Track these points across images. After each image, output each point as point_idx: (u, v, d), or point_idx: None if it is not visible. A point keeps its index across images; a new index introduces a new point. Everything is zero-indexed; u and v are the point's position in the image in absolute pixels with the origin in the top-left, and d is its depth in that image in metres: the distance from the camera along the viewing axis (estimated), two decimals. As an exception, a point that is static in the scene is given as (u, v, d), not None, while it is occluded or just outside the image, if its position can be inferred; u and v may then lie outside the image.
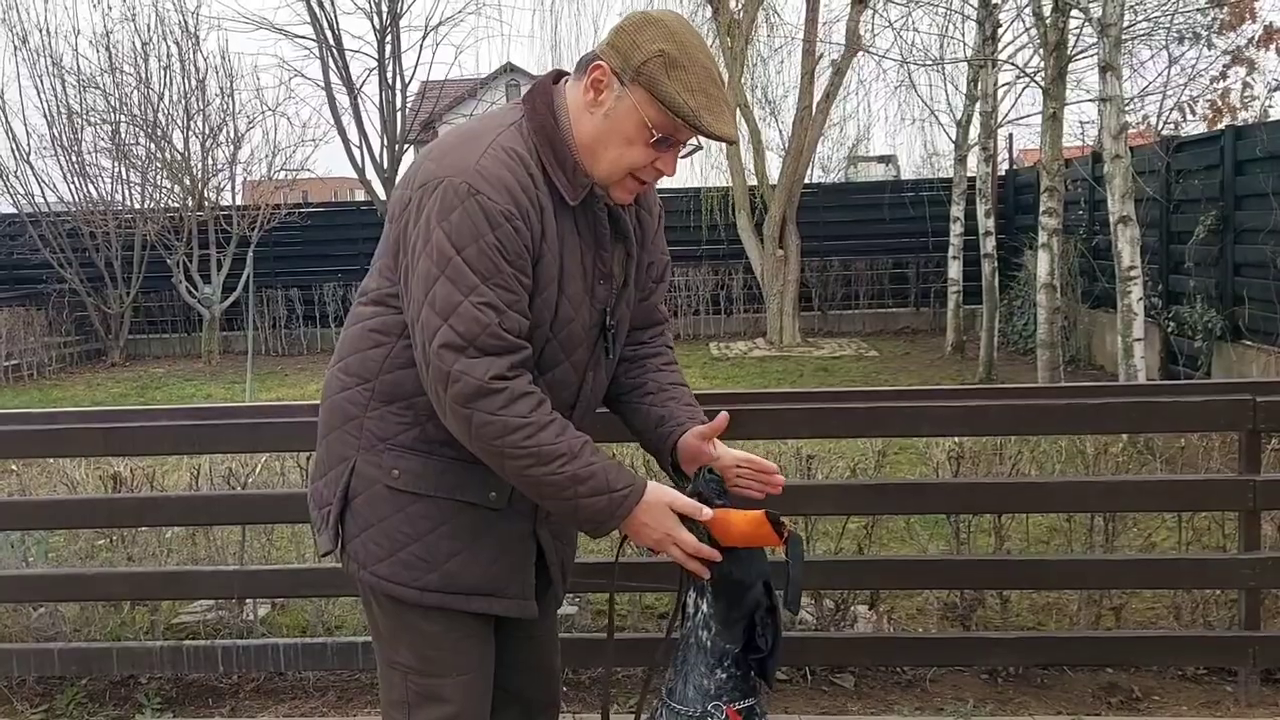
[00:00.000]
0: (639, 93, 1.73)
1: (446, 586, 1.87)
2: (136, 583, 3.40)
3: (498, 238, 1.70)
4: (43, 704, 3.45)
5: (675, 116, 1.72)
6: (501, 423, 1.71)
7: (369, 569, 1.88)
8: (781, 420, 3.06)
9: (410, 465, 1.85)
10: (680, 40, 1.74)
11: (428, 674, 1.92)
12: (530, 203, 1.75)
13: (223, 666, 3.32)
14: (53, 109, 13.88)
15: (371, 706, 3.35)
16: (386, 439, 1.86)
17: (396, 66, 14.18)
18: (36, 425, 3.22)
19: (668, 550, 1.80)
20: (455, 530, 1.86)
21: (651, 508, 1.79)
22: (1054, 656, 3.20)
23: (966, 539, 3.45)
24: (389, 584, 1.87)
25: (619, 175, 1.80)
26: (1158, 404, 3.06)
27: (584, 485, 1.75)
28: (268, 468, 3.93)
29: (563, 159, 1.79)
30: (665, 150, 1.78)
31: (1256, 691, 3.12)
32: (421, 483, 1.85)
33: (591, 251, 1.86)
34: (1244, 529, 3.03)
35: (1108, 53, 6.23)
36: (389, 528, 1.86)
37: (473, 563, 1.87)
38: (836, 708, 3.23)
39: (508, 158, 1.75)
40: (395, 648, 1.95)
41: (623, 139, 1.77)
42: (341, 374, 1.92)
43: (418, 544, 1.86)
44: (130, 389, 11.68)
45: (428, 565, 1.86)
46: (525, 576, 1.94)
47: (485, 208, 1.70)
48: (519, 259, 1.73)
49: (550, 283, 1.80)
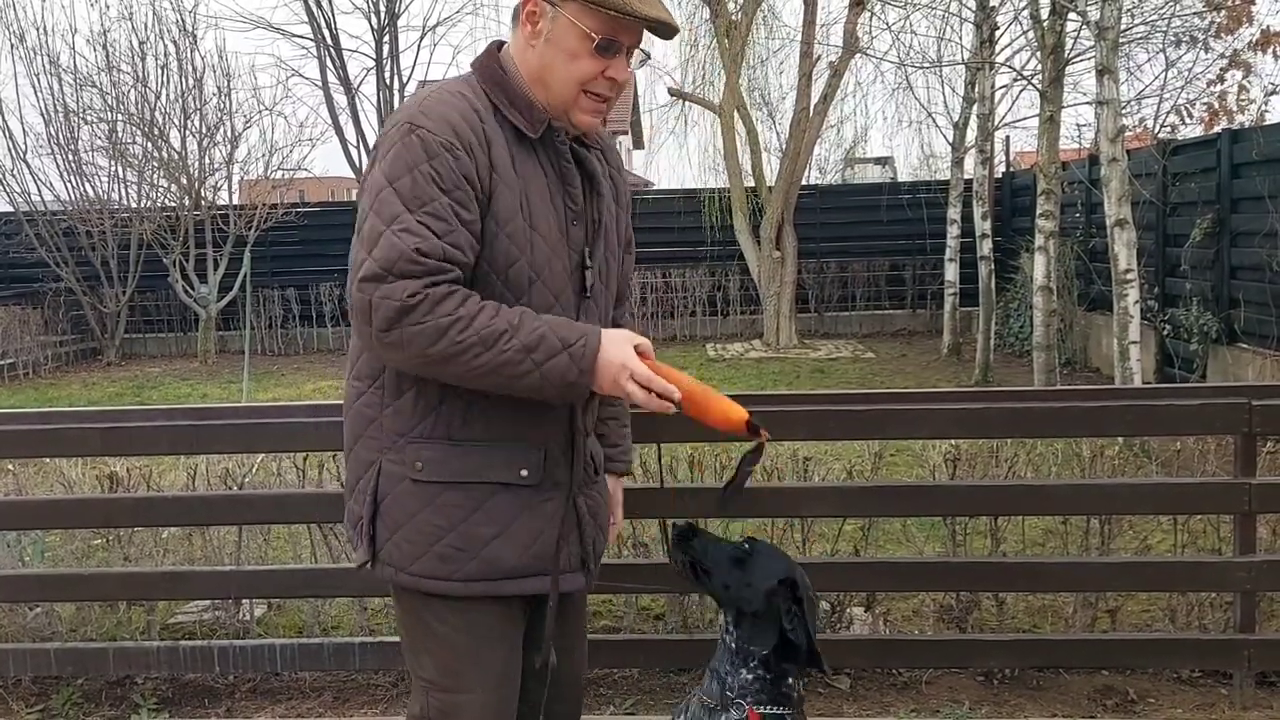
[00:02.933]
0: (571, 6, 1.76)
1: (490, 573, 1.83)
2: (133, 583, 3.39)
3: (433, 166, 1.70)
4: (38, 704, 3.45)
5: (607, 10, 1.73)
6: (432, 326, 1.67)
7: (405, 570, 1.84)
8: (779, 422, 3.05)
9: (432, 454, 1.82)
10: None
11: (447, 689, 1.89)
12: (475, 136, 1.75)
13: (219, 666, 3.32)
14: (49, 107, 13.91)
15: (368, 707, 3.35)
16: (405, 433, 1.84)
17: (394, 66, 14.25)
18: (33, 425, 3.21)
19: (624, 386, 1.74)
20: (490, 514, 1.82)
21: (619, 346, 1.74)
22: (1049, 659, 3.20)
23: (963, 541, 3.45)
24: (428, 581, 1.83)
25: (572, 93, 1.80)
26: (1154, 407, 3.05)
27: (538, 352, 1.70)
28: (264, 468, 3.92)
29: (514, 97, 1.81)
30: (612, 57, 1.79)
31: (1251, 694, 3.12)
32: (447, 470, 1.82)
33: (560, 191, 1.86)
34: (1239, 532, 3.03)
35: (1105, 56, 6.24)
36: (420, 523, 1.83)
37: (513, 544, 1.83)
38: (832, 710, 3.23)
39: (450, 96, 1.79)
40: (419, 659, 1.92)
41: (567, 55, 1.78)
42: (354, 380, 1.91)
43: (453, 534, 1.82)
44: (126, 388, 11.66)
45: (466, 554, 1.82)
46: (569, 550, 1.91)
47: (423, 139, 1.72)
48: (457, 189, 1.72)
49: (514, 215, 1.78)
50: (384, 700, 3.39)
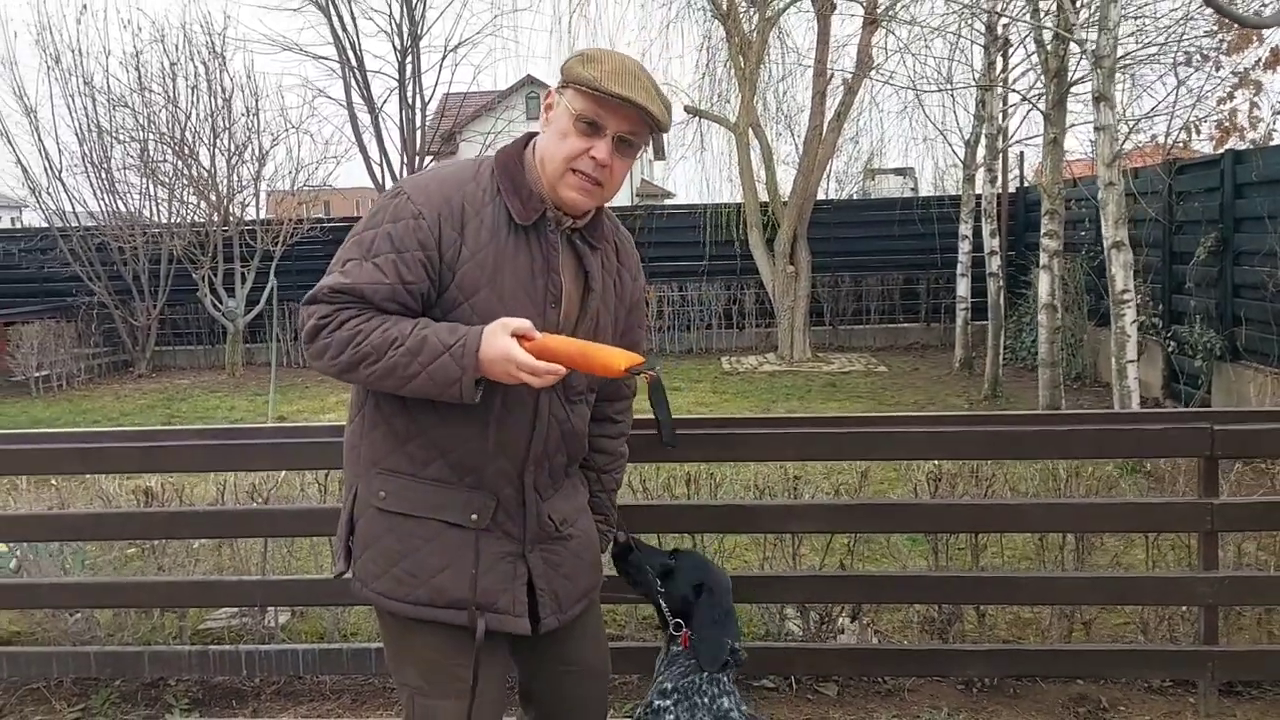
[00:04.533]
0: (567, 92, 1.98)
1: (435, 600, 2.03)
2: (168, 591, 3.64)
3: (395, 229, 1.94)
4: (79, 703, 3.69)
5: (585, 88, 1.94)
6: (336, 339, 1.93)
7: (370, 586, 2.08)
8: (769, 445, 3.27)
9: (394, 487, 2.05)
10: (601, 49, 2.00)
11: (430, 694, 2.08)
12: (451, 210, 1.95)
13: (246, 670, 3.55)
14: (84, 127, 14.30)
15: (384, 709, 3.58)
16: (376, 463, 2.07)
17: (416, 86, 14.54)
18: (80, 444, 3.47)
19: (516, 376, 1.88)
20: (442, 547, 2.03)
21: (493, 339, 1.88)
22: (1026, 668, 3.39)
23: (945, 556, 3.65)
24: (385, 599, 2.06)
25: (560, 169, 1.99)
26: (1121, 431, 3.25)
27: (422, 355, 1.89)
28: (288, 483, 4.17)
29: (518, 185, 2.02)
30: (596, 137, 1.97)
31: (1215, 703, 3.29)
32: (405, 504, 2.04)
33: (543, 276, 2.01)
34: (1202, 549, 3.21)
35: (1101, 83, 6.41)
36: (384, 546, 2.06)
37: (460, 577, 2.03)
38: (819, 715, 3.42)
39: (454, 173, 2.02)
40: (401, 667, 2.13)
41: (559, 134, 1.99)
42: (349, 409, 2.15)
43: (408, 560, 2.04)
44: (157, 400, 11.98)
45: (416, 580, 2.03)
46: (515, 594, 2.07)
47: (399, 204, 1.96)
48: (409, 250, 1.93)
49: (480, 288, 1.96)
50: (398, 703, 3.61)
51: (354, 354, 1.93)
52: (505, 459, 2.03)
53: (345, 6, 14.02)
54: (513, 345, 1.88)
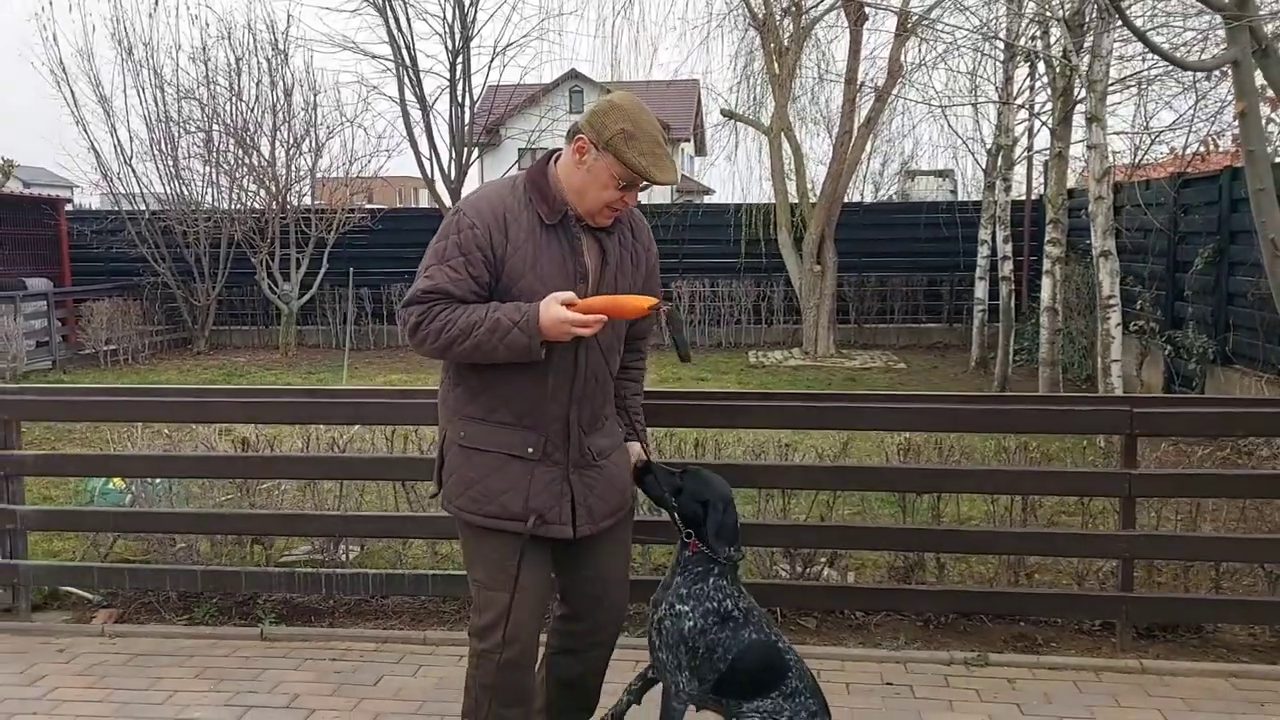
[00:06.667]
0: (607, 157, 2.59)
1: (500, 514, 2.71)
2: (263, 522, 4.40)
3: (460, 238, 2.58)
4: (184, 615, 4.45)
5: (633, 173, 2.59)
6: (432, 329, 2.56)
7: (454, 502, 2.76)
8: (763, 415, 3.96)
9: (471, 430, 2.73)
10: (635, 119, 2.59)
11: (491, 587, 2.74)
12: (496, 220, 2.57)
13: (325, 589, 4.28)
14: (153, 116, 15.23)
15: (439, 624, 4.29)
16: (457, 411, 2.76)
17: (466, 85, 15.29)
18: (195, 399, 4.23)
19: (572, 332, 2.50)
20: (506, 475, 2.71)
21: (548, 309, 2.49)
22: (971, 605, 4.05)
23: (911, 514, 4.30)
24: (463, 513, 2.74)
25: (599, 207, 2.66)
26: (1056, 411, 3.90)
27: (497, 333, 2.51)
28: (360, 437, 4.90)
29: (545, 195, 2.66)
30: (628, 190, 2.65)
31: (1130, 642, 3.93)
32: (479, 441, 2.71)
33: (571, 260, 2.63)
34: (1122, 511, 3.85)
35: (1094, 105, 6.99)
36: (463, 474, 2.74)
37: (519, 497, 2.70)
38: (799, 643, 4.05)
39: (495, 191, 2.70)
40: (472, 565, 2.80)
41: (599, 185, 2.63)
42: (441, 371, 2.83)
43: (480, 484, 2.72)
44: (217, 375, 12.84)
45: (487, 499, 2.71)
46: (561, 509, 2.74)
47: (459, 220, 2.61)
48: (472, 253, 2.55)
49: (524, 274, 2.57)
50: (450, 621, 4.32)
51: (447, 338, 2.56)
52: (554, 403, 2.69)
53: (401, 8, 14.80)
54: (563, 310, 2.50)
